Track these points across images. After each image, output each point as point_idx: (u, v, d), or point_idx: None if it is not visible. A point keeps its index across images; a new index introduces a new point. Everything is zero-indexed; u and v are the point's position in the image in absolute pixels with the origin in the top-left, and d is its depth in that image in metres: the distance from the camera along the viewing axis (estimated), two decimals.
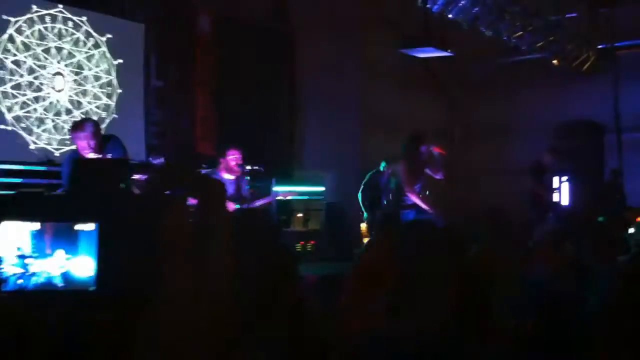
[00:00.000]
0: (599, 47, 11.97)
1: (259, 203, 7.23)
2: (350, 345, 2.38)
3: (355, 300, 3.24)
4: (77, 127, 6.22)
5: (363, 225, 10.53)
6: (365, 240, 10.14)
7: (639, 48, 13.22)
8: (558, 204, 11.45)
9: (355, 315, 3.01)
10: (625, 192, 11.83)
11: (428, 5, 8.18)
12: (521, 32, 10.08)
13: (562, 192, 11.72)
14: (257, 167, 7.01)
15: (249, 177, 7.38)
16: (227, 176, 6.98)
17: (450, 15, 8.93)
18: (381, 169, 9.73)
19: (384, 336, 2.17)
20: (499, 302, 2.85)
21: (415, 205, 8.66)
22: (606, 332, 3.47)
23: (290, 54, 12.69)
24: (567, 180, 11.63)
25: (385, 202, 8.60)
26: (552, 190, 10.59)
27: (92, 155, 5.99)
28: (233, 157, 6.91)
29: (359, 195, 10.13)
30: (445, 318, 2.25)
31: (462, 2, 8.82)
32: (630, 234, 6.19)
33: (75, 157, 5.90)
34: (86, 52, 9.66)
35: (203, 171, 8.61)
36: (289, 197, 8.01)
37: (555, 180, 11.51)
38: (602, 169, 12.45)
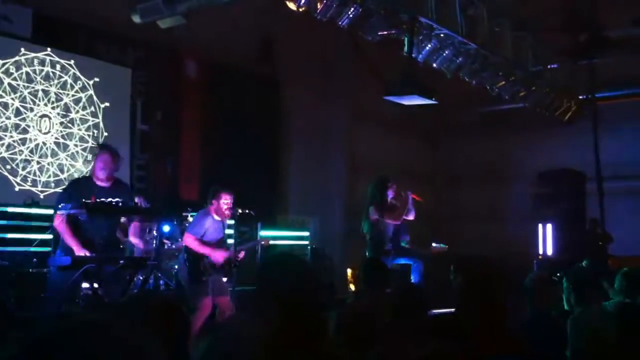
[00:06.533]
0: (580, 97, 12.18)
1: (244, 247, 7.25)
2: None
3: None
4: (104, 148, 6.50)
5: (349, 271, 10.51)
6: (351, 286, 10.11)
7: (618, 99, 13.51)
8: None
9: None
10: (605, 240, 11.91)
11: (413, 55, 8.29)
12: (503, 82, 10.24)
13: (546, 239, 11.82)
14: (247, 211, 7.00)
15: (233, 221, 7.39)
16: (216, 217, 6.99)
17: (434, 65, 9.06)
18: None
19: None
20: None
21: (395, 251, 8.69)
22: None
23: (275, 99, 12.81)
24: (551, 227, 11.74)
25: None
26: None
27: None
28: (226, 202, 6.89)
29: None
30: None
31: (447, 52, 8.97)
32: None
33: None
34: (73, 95, 9.70)
35: (188, 215, 8.63)
36: (270, 243, 8.04)
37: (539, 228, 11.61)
38: (583, 217, 12.56)
